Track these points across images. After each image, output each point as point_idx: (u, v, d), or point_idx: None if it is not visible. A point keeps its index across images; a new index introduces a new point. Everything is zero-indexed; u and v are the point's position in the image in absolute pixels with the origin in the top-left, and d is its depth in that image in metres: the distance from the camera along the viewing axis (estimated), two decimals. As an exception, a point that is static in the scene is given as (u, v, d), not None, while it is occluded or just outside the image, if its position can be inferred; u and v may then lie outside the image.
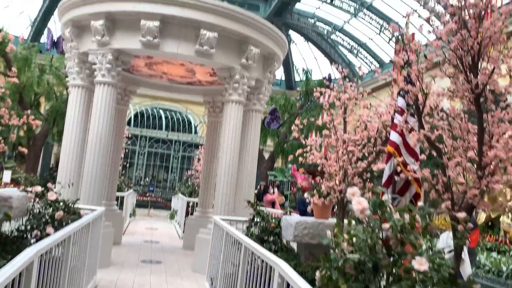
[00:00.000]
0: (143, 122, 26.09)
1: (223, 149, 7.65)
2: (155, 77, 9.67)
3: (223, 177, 7.56)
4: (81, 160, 7.68)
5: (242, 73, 7.67)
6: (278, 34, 8.00)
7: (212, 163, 10.04)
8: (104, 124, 7.28)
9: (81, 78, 7.82)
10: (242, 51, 7.63)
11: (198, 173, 15.51)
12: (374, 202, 3.17)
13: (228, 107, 7.77)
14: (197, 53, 7.22)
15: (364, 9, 24.87)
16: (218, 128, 10.25)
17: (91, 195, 7.04)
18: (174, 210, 14.82)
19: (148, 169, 25.59)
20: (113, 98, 7.49)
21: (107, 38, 7.21)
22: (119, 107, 9.66)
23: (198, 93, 10.32)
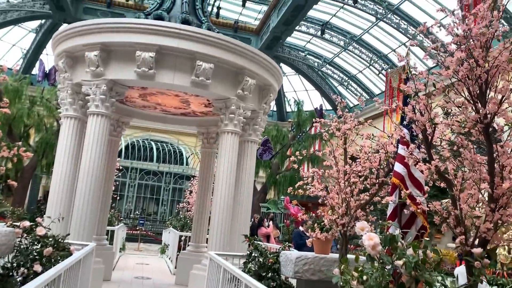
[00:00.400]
0: (133, 154, 25.84)
1: (219, 180, 7.47)
2: (149, 108, 9.56)
3: (218, 210, 7.35)
4: (72, 193, 7.45)
5: (238, 104, 7.60)
6: (273, 65, 7.99)
7: (206, 196, 9.82)
8: (96, 156, 7.10)
9: (74, 109, 7.68)
10: (238, 82, 7.58)
11: (190, 206, 15.22)
12: (385, 237, 3.02)
13: (224, 137, 7.65)
14: (193, 84, 7.15)
15: (353, 43, 25.33)
16: (212, 159, 10.10)
17: (81, 230, 6.77)
18: (166, 244, 14.41)
19: (138, 201, 25.14)
20: (106, 129, 7.34)
21: (102, 69, 7.12)
22: (111, 138, 9.48)
23: (192, 124, 10.21)
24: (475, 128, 3.18)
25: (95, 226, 8.64)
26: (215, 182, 7.63)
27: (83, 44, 7.16)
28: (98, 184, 7.15)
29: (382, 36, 24.04)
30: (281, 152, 25.97)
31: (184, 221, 13.50)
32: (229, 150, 7.55)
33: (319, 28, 25.04)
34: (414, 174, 4.12)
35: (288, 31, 23.90)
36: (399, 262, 2.78)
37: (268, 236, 11.73)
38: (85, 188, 6.96)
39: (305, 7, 21.44)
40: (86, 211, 6.92)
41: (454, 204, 3.24)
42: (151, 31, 6.87)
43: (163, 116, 10.06)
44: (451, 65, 3.06)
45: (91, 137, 7.15)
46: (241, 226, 7.81)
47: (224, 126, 7.68)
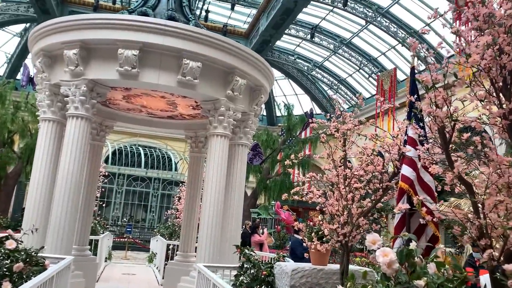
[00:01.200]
0: (121, 160, 25.18)
1: (208, 186, 6.99)
2: (134, 111, 9.05)
3: (207, 217, 6.86)
4: (50, 202, 6.90)
5: (228, 105, 7.14)
6: (265, 65, 7.56)
7: (195, 202, 9.32)
8: (76, 161, 6.57)
9: (52, 112, 7.15)
10: (228, 82, 7.13)
11: (178, 213, 14.67)
12: (401, 252, 2.57)
13: (213, 141, 7.18)
14: (180, 83, 6.67)
15: (343, 46, 25.06)
16: (201, 164, 9.61)
17: (59, 242, 6.23)
18: (153, 253, 13.82)
19: (126, 208, 24.46)
20: (87, 133, 6.82)
21: (81, 68, 6.61)
22: (94, 143, 8.96)
23: (180, 128, 9.72)
24: (498, 124, 2.77)
25: (74, 237, 8.11)
26: (204, 188, 7.15)
27: (62, 41, 6.65)
28: (77, 191, 6.62)
29: (371, 39, 23.81)
30: (272, 157, 25.52)
31: (173, 228, 12.93)
32: (219, 154, 7.08)
33: (308, 31, 24.73)
34: (424, 178, 3.70)
35: (277, 35, 23.53)
36: (420, 283, 2.34)
37: (261, 244, 11.22)
38: (63, 195, 6.43)
39: (294, 11, 21.10)
40: (64, 220, 6.39)
41: (477, 212, 2.81)
42: (134, 27, 6.39)
43: (149, 120, 9.55)
44: (476, 51, 2.63)
45: (70, 141, 6.63)
46: (232, 234, 7.34)
47: (213, 128, 7.21)
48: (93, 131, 8.95)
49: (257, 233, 11.64)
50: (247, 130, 7.83)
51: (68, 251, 6.31)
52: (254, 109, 7.81)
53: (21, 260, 4.76)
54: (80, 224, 8.39)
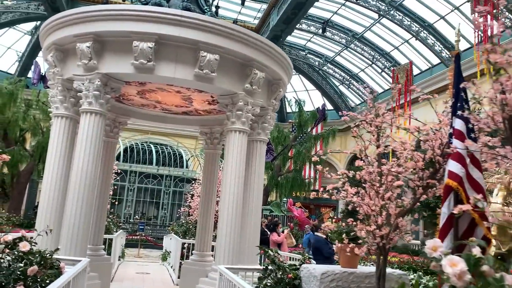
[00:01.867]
0: (132, 157, 25.00)
1: (226, 184, 6.67)
2: (148, 107, 8.75)
3: (226, 217, 6.55)
4: (64, 200, 6.64)
5: (246, 100, 6.81)
6: (283, 57, 7.21)
7: (211, 200, 9.02)
8: (90, 159, 6.29)
9: (65, 108, 6.87)
10: (246, 75, 6.79)
11: (191, 210, 14.42)
12: (467, 260, 2.23)
13: (231, 137, 6.86)
14: (196, 77, 6.35)
15: (355, 41, 24.60)
16: (216, 161, 9.30)
17: (74, 243, 5.96)
18: (167, 251, 13.58)
19: (138, 205, 24.29)
20: (101, 129, 6.53)
21: (95, 62, 6.32)
22: (108, 140, 8.68)
23: (195, 124, 9.41)
24: None
25: (89, 236, 7.87)
26: (222, 186, 6.84)
27: (74, 34, 6.35)
28: (92, 189, 6.35)
29: (384, 33, 23.34)
30: (283, 153, 25.20)
31: (187, 226, 12.66)
32: (237, 151, 6.76)
33: (320, 26, 24.31)
34: (473, 175, 3.33)
35: (288, 30, 23.14)
36: (496, 298, 2.01)
37: (279, 244, 10.86)
38: (77, 194, 6.15)
39: (305, 5, 20.70)
40: (79, 220, 6.11)
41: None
42: (150, 18, 6.08)
43: (163, 116, 9.26)
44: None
45: (83, 137, 6.34)
46: (251, 233, 7.02)
47: (231, 124, 6.89)
48: (106, 127, 8.66)
49: (276, 232, 11.24)
50: (265, 125, 7.51)
51: (83, 252, 6.04)
52: (272, 103, 7.48)
53: (36, 263, 4.50)
54: (94, 223, 8.13)
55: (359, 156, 4.37)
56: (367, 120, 4.18)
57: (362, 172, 4.23)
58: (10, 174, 22.84)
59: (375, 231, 3.79)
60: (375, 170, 4.06)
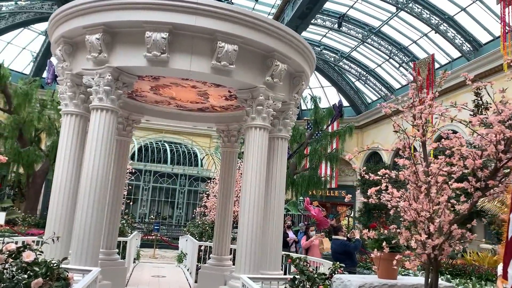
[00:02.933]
0: (147, 156, 24.68)
1: (246, 185, 6.16)
2: (162, 104, 8.29)
3: (247, 221, 6.04)
4: (75, 205, 6.20)
5: (267, 94, 6.29)
6: (306, 47, 6.67)
7: (228, 200, 8.53)
8: (101, 158, 5.84)
9: (75, 104, 6.44)
10: (267, 68, 6.27)
11: (207, 210, 13.97)
12: None
13: (251, 134, 6.34)
14: (214, 70, 5.86)
15: (372, 35, 23.87)
16: (233, 160, 8.80)
17: (84, 251, 5.50)
18: (183, 253, 13.14)
19: (153, 205, 23.97)
20: (113, 127, 6.07)
21: (105, 55, 5.86)
22: (120, 139, 8.26)
23: (211, 121, 8.92)
24: None
25: (102, 241, 7.46)
26: (242, 187, 6.33)
27: (83, 26, 5.90)
28: (104, 191, 5.89)
29: (402, 27, 22.56)
30: (299, 151, 24.62)
31: (203, 227, 12.20)
32: (258, 149, 6.24)
33: (335, 21, 23.63)
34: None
35: (303, 25, 22.48)
36: None
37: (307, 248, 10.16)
38: (88, 198, 5.70)
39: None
40: (90, 225, 5.66)
41: None
42: (163, 7, 5.58)
43: (178, 113, 8.79)
44: None
45: (94, 136, 5.89)
46: (274, 237, 6.51)
47: (250, 120, 6.37)
48: (119, 125, 8.25)
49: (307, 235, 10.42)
50: (287, 121, 6.98)
51: (95, 260, 5.58)
52: (294, 97, 6.94)
53: (41, 274, 4.05)
54: (107, 226, 7.73)
55: (402, 153, 3.82)
56: (415, 111, 3.60)
57: (405, 171, 3.68)
58: (25, 174, 22.71)
59: (426, 240, 3.23)
60: (422, 170, 3.51)
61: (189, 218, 24.13)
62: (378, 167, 26.24)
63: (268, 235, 6.46)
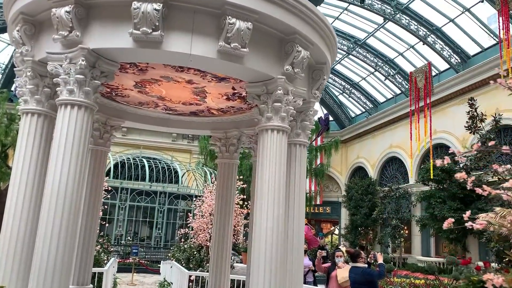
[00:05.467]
0: (123, 173, 22.80)
1: (262, 204, 4.69)
2: (147, 106, 6.78)
3: (264, 249, 4.55)
4: (36, 230, 4.61)
5: (286, 87, 4.89)
6: (332, 33, 5.35)
7: (227, 221, 7.02)
8: (71, 170, 4.28)
9: (37, 101, 4.88)
10: (285, 54, 4.89)
11: (193, 232, 12.35)
12: None
13: (266, 138, 4.90)
14: (221, 54, 4.43)
15: (357, 48, 23.03)
16: (233, 174, 7.32)
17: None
18: (167, 282, 11.40)
19: (130, 225, 21.99)
20: (87, 129, 4.53)
21: (78, 33, 4.36)
22: (96, 148, 6.68)
23: (205, 127, 7.42)
24: None
25: (73, 273, 5.84)
26: (255, 205, 4.85)
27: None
28: (74, 213, 4.31)
29: (388, 39, 21.83)
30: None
31: (190, 252, 10.56)
32: (276, 158, 4.80)
33: (321, 32, 22.69)
34: None
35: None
36: None
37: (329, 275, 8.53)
38: (53, 222, 4.13)
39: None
40: (55, 259, 4.07)
41: None
42: (156, -32, 4.17)
43: (166, 118, 7.28)
44: None
45: (62, 141, 4.34)
46: (295, 267, 5.05)
47: (265, 121, 4.94)
48: (95, 132, 6.69)
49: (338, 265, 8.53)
50: (306, 124, 5.58)
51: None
52: (314, 95, 5.58)
53: None
54: (79, 257, 6.10)
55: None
56: None
57: None
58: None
59: None
60: None
61: (168, 239, 22.28)
62: (364, 182, 25.16)
63: (289, 262, 5.00)
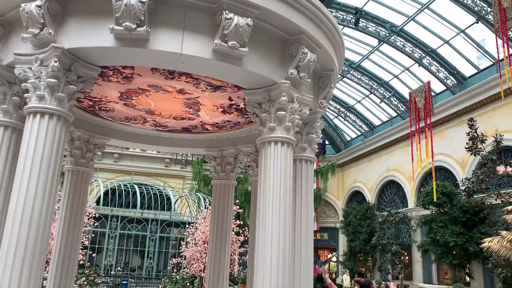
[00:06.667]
0: (114, 200, 21.87)
1: (266, 231, 3.98)
2: (135, 122, 6.11)
3: (269, 282, 3.82)
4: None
5: (291, 94, 4.26)
6: (339, 35, 4.79)
7: (223, 248, 6.26)
8: (38, 190, 3.57)
9: (4, 112, 4.20)
10: (289, 57, 4.29)
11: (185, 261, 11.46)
12: None
13: (269, 152, 4.23)
14: (217, 54, 3.81)
15: (352, 71, 22.73)
16: (229, 195, 6.60)
17: None
18: (158, 316, 10.45)
19: (120, 254, 20.91)
20: (60, 143, 3.83)
21: (50, 30, 3.73)
22: (77, 169, 5.95)
23: (199, 146, 6.73)
24: None
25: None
26: (257, 232, 4.12)
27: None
28: (41, 244, 3.57)
29: (383, 61, 21.56)
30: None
31: (182, 283, 9.68)
32: (281, 174, 4.12)
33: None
34: None
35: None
36: None
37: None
38: (14, 248, 3.39)
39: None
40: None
41: None
42: (141, -45, 3.58)
43: (155, 136, 6.60)
44: None
45: (29, 156, 3.64)
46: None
47: (268, 131, 4.28)
48: (76, 151, 5.98)
49: None
50: (312, 137, 4.94)
51: None
52: (321, 105, 4.96)
53: None
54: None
55: None
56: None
57: None
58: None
59: None
60: None
61: (160, 269, 21.18)
62: (362, 207, 24.42)
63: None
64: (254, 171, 6.21)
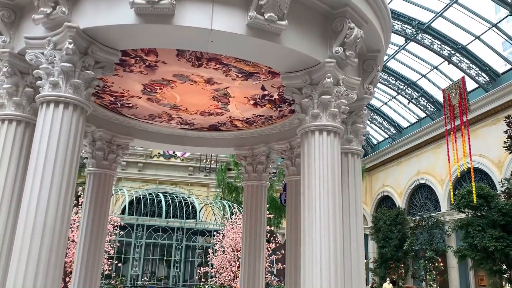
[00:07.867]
0: (139, 210, 21.54)
1: (313, 231, 3.39)
2: (160, 119, 5.63)
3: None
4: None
5: (336, 75, 3.68)
6: (387, 11, 4.18)
7: (258, 255, 5.68)
8: (53, 188, 3.09)
9: (16, 104, 3.75)
10: (333, 33, 3.71)
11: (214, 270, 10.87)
12: None
13: (312, 143, 3.64)
14: (252, 29, 3.28)
15: (377, 72, 21.95)
16: (262, 197, 6.02)
17: None
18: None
19: (146, 264, 20.51)
20: (77, 135, 3.35)
21: (64, 9, 3.27)
22: (100, 172, 5.50)
23: (227, 144, 6.19)
24: None
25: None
26: (303, 236, 3.53)
27: (28, -34, 3.37)
28: (57, 246, 3.07)
29: (410, 61, 20.68)
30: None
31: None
32: (328, 166, 3.53)
33: (339, 57, 21.74)
34: None
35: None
36: None
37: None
38: (26, 264, 2.90)
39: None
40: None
41: None
42: None
43: (181, 135, 6.10)
44: None
45: (42, 150, 3.17)
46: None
47: (311, 119, 3.70)
48: (98, 152, 5.53)
49: None
50: (358, 127, 4.34)
51: None
52: (367, 90, 4.35)
53: None
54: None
55: None
56: None
57: None
58: None
59: None
60: None
61: (187, 278, 20.66)
62: (392, 212, 23.45)
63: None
64: (289, 170, 5.64)
